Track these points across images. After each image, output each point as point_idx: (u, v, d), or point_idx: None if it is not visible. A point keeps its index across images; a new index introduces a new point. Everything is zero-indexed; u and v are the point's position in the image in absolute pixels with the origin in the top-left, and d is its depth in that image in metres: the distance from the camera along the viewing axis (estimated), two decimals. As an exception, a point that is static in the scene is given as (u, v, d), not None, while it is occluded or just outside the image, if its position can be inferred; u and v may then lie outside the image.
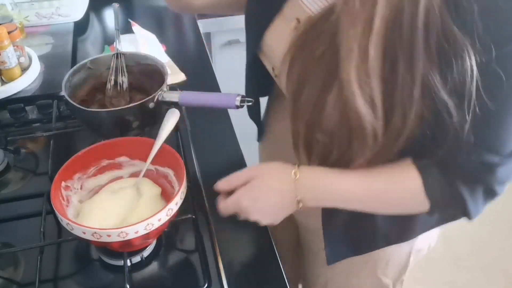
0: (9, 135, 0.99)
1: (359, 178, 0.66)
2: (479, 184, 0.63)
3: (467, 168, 0.62)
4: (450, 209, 0.68)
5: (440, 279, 1.85)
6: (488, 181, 0.62)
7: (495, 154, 0.60)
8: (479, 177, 0.62)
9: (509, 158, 0.60)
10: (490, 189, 0.63)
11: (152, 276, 0.75)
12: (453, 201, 0.64)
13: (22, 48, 1.15)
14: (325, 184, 0.68)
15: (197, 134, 1.01)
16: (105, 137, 0.84)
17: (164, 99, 0.88)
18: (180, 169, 0.75)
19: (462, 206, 0.64)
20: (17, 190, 0.90)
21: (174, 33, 1.41)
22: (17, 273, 0.76)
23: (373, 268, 0.90)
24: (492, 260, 1.91)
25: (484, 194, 0.64)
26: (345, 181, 0.67)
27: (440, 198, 0.65)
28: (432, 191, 0.64)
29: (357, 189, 0.67)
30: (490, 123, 0.57)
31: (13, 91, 1.10)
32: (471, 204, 0.64)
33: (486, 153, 0.59)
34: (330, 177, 0.68)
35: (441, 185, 0.64)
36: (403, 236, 0.83)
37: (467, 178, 0.63)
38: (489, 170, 0.61)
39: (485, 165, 0.60)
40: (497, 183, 0.63)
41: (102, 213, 0.75)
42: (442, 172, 0.63)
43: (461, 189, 0.63)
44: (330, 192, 0.68)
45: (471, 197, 0.63)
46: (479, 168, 0.61)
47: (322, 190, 0.69)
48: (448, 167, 0.63)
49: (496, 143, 0.59)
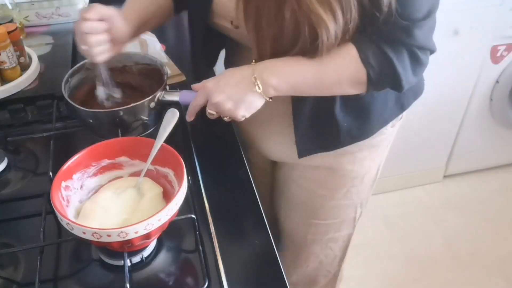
0: (9, 135, 0.99)
1: (306, 58, 0.76)
2: (402, 47, 0.73)
3: (387, 33, 0.72)
4: (383, 77, 0.75)
5: (440, 279, 1.85)
6: (407, 43, 0.72)
7: (409, 20, 0.71)
8: (400, 39, 0.72)
9: (422, 22, 0.71)
10: (413, 53, 0.73)
11: (152, 276, 0.75)
12: (384, 65, 0.74)
13: (22, 48, 1.15)
14: (277, 62, 0.77)
15: (197, 134, 1.01)
16: (106, 137, 0.84)
17: (165, 98, 0.88)
18: (180, 169, 0.75)
19: (392, 69, 0.74)
20: (17, 190, 0.90)
21: (174, 33, 1.41)
22: (17, 273, 0.76)
23: (350, 187, 1.02)
24: (492, 260, 1.91)
25: (410, 59, 0.74)
26: (295, 58, 0.76)
27: (373, 63, 0.74)
28: (365, 55, 0.73)
29: (304, 62, 0.76)
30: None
31: (13, 91, 1.10)
32: (398, 66, 0.73)
33: (402, 19, 0.70)
34: (283, 58, 0.77)
35: (372, 50, 0.73)
36: (363, 131, 0.93)
37: (389, 41, 0.73)
38: (405, 31, 0.72)
39: (401, 28, 0.71)
40: (418, 47, 0.73)
41: (104, 213, 0.75)
42: (370, 40, 0.74)
43: (386, 51, 0.73)
44: (282, 66, 0.77)
45: (397, 59, 0.73)
46: (397, 31, 0.72)
47: (276, 65, 0.77)
48: (372, 34, 0.73)
49: (409, 9, 0.70)
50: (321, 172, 1.00)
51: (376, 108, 0.90)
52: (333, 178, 1.01)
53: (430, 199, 2.18)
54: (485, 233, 2.02)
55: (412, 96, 0.95)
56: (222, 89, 0.79)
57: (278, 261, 0.78)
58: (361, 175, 1.01)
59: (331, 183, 1.01)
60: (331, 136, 0.92)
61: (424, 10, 0.71)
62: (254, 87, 0.77)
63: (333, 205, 1.05)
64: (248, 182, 0.92)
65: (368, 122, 0.91)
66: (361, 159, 0.98)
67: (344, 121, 0.88)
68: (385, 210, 2.08)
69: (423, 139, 1.99)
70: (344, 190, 1.03)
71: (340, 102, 0.86)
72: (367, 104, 0.88)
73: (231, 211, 0.87)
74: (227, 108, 0.79)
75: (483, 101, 1.98)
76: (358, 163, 0.98)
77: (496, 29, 1.75)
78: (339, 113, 0.87)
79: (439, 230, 2.04)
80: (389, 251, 1.95)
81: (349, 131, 0.91)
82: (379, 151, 1.00)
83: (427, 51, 0.76)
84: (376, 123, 0.93)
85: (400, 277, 1.86)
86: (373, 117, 0.91)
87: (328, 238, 1.13)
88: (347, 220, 1.10)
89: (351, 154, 0.96)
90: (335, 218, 1.08)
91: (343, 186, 1.02)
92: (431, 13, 0.73)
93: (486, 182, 2.25)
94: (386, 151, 1.04)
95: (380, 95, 0.88)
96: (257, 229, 0.83)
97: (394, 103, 0.93)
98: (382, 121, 0.94)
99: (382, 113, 0.92)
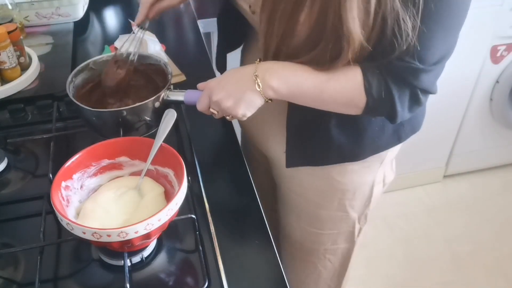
0: (9, 135, 0.99)
1: (311, 68, 0.76)
2: (406, 87, 0.73)
3: (396, 69, 0.72)
4: (381, 108, 0.76)
5: (440, 279, 1.85)
6: (413, 84, 0.73)
7: (421, 62, 0.70)
8: (406, 79, 0.72)
9: (432, 67, 0.72)
10: (415, 94, 0.74)
11: (152, 276, 0.75)
12: (385, 99, 0.74)
13: (22, 48, 1.15)
14: (282, 65, 0.77)
15: (197, 134, 1.01)
16: (109, 137, 0.84)
17: (170, 98, 0.88)
18: (180, 169, 0.75)
19: (391, 105, 0.74)
20: (17, 190, 0.90)
21: (174, 33, 1.41)
22: (17, 273, 0.76)
23: (342, 200, 1.01)
24: (492, 260, 1.91)
25: (410, 99, 0.75)
26: (301, 66, 0.76)
27: (375, 94, 0.74)
28: (369, 85, 0.73)
29: (309, 72, 0.75)
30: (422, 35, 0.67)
31: (13, 91, 1.10)
32: (398, 103, 0.74)
33: (413, 60, 0.70)
34: (288, 63, 0.77)
35: (377, 82, 0.73)
36: (354, 153, 0.92)
37: (396, 78, 0.73)
38: (414, 74, 0.72)
39: (411, 69, 0.71)
40: (421, 90, 0.74)
41: (104, 213, 0.75)
42: (378, 70, 0.73)
43: (391, 87, 0.73)
44: (286, 70, 0.76)
45: (399, 98, 0.74)
46: (406, 71, 0.72)
47: (280, 68, 0.76)
48: (382, 67, 0.73)
49: (424, 52, 0.69)
50: (312, 179, 1.00)
51: (371, 133, 0.88)
52: (324, 187, 0.99)
53: (430, 199, 2.18)
54: (485, 233, 2.02)
55: (410, 130, 0.94)
56: (223, 86, 0.79)
57: (278, 261, 0.78)
58: (351, 189, 0.99)
59: (322, 191, 1.00)
60: (320, 150, 0.91)
61: (437, 56, 0.71)
62: (254, 85, 0.76)
63: (327, 215, 1.04)
64: (248, 182, 0.92)
65: (360, 145, 0.90)
66: (351, 172, 0.96)
67: (337, 138, 0.88)
68: (385, 210, 2.09)
69: (423, 139, 1.99)
70: (336, 201, 1.01)
71: (336, 118, 0.85)
72: (363, 127, 0.87)
73: (231, 211, 0.87)
74: (227, 106, 0.79)
75: (483, 101, 1.99)
76: (348, 176, 0.97)
77: (496, 29, 1.75)
78: (333, 128, 0.86)
79: (439, 230, 2.04)
80: (389, 251, 1.95)
81: (340, 149, 0.89)
82: (371, 168, 0.98)
83: (428, 94, 0.76)
84: (368, 147, 0.91)
85: (400, 277, 1.86)
86: (367, 141, 0.89)
87: (325, 248, 1.11)
88: (343, 233, 1.09)
89: (341, 165, 0.95)
90: (331, 229, 1.07)
91: (334, 196, 1.00)
92: (442, 60, 0.73)
93: (486, 182, 2.25)
94: (379, 171, 1.00)
95: (377, 121, 0.87)
96: (257, 229, 0.83)
97: (392, 132, 0.91)
98: (375, 148, 0.93)
99: (377, 140, 0.91)
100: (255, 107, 0.80)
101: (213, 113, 0.83)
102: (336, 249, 1.12)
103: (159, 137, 0.80)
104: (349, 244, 1.12)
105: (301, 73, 0.75)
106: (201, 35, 1.38)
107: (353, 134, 0.88)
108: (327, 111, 0.81)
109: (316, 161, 0.94)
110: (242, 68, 0.80)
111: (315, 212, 1.04)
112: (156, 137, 0.80)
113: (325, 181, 0.98)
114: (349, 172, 0.96)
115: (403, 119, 0.78)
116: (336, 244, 1.11)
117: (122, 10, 1.53)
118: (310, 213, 1.06)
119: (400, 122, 0.83)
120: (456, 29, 0.72)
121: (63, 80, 0.91)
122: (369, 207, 1.06)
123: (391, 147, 0.95)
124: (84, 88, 0.94)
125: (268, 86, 0.76)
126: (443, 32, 0.70)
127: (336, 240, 1.10)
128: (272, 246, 0.80)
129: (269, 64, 0.77)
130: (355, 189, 1.00)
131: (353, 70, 0.74)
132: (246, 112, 0.80)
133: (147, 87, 0.97)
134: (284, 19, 0.71)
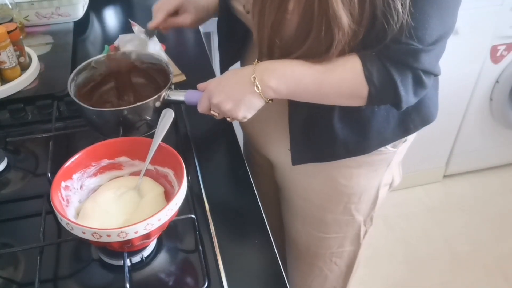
0: (9, 135, 0.99)
1: (308, 62, 0.75)
2: (407, 70, 0.72)
3: (394, 53, 0.71)
4: (384, 95, 0.75)
5: (440, 279, 1.85)
6: (414, 66, 0.71)
7: (419, 42, 0.69)
8: (406, 61, 0.71)
9: (431, 47, 0.70)
10: (418, 76, 0.73)
11: (152, 276, 0.75)
12: (387, 85, 0.73)
13: (22, 48, 1.15)
14: (279, 63, 0.77)
15: (197, 134, 1.01)
16: (110, 137, 0.84)
17: (170, 98, 0.88)
18: (180, 169, 0.75)
19: (394, 90, 0.73)
20: (17, 190, 0.90)
21: (174, 33, 1.41)
22: (17, 273, 0.76)
23: (348, 203, 0.99)
24: (492, 260, 1.91)
25: (414, 82, 0.73)
26: (296, 62, 0.76)
27: (376, 81, 0.73)
28: (369, 73, 0.72)
29: (306, 68, 0.75)
30: (417, 14, 0.67)
31: (13, 91, 1.10)
32: (401, 88, 0.73)
33: (411, 41, 0.69)
34: (285, 61, 0.77)
35: (377, 68, 0.72)
36: (360, 147, 0.90)
37: (396, 62, 0.72)
38: (413, 55, 0.70)
39: (411, 50, 0.70)
40: (423, 71, 0.73)
41: (104, 213, 0.75)
42: (377, 57, 0.72)
43: (392, 71, 0.72)
44: (284, 68, 0.76)
45: (401, 82, 0.72)
46: (405, 53, 0.70)
47: (277, 67, 0.76)
48: (380, 53, 0.72)
49: (421, 32, 0.68)
50: (317, 182, 0.99)
51: (376, 125, 0.86)
52: (329, 190, 0.99)
53: (430, 199, 2.18)
54: (485, 233, 2.02)
55: (420, 121, 0.90)
56: (222, 88, 0.79)
57: (278, 261, 0.78)
58: (357, 192, 0.98)
59: (327, 195, 0.99)
60: (326, 146, 0.89)
61: (435, 35, 0.70)
62: (253, 87, 0.76)
63: (333, 218, 1.03)
64: (248, 182, 0.92)
65: (366, 137, 0.88)
66: (357, 175, 0.95)
67: (341, 133, 0.86)
68: (385, 210, 2.08)
69: (423, 139, 1.99)
70: (342, 205, 1.00)
71: (338, 112, 0.84)
72: (367, 119, 0.85)
73: (231, 211, 0.87)
74: (227, 108, 0.79)
75: (483, 101, 1.98)
76: (354, 180, 0.95)
77: (496, 29, 1.75)
78: (336, 123, 0.85)
79: (439, 230, 2.04)
80: (389, 251, 1.95)
81: (345, 144, 0.88)
82: (377, 171, 0.97)
83: (431, 75, 0.75)
84: (374, 140, 0.89)
85: (400, 277, 1.86)
86: (372, 133, 0.87)
87: (331, 252, 1.10)
88: (349, 237, 1.08)
89: (347, 168, 0.94)
90: (337, 233, 1.06)
91: (340, 200, 0.99)
92: (441, 39, 0.72)
93: (486, 182, 2.25)
94: (386, 174, 0.99)
95: (381, 112, 0.85)
96: (257, 229, 0.83)
97: (398, 124, 0.89)
98: (381, 140, 0.90)
99: (382, 132, 0.88)
100: (255, 109, 0.80)
101: (214, 115, 0.83)
102: (342, 252, 1.11)
103: (157, 136, 0.80)
104: (355, 246, 1.11)
105: (299, 69, 0.75)
106: (201, 35, 1.38)
107: (357, 127, 0.86)
108: (328, 106, 0.80)
109: (322, 157, 0.92)
110: (241, 70, 0.80)
111: (321, 216, 1.04)
112: (154, 137, 0.80)
113: (330, 184, 0.97)
114: (355, 176, 0.95)
115: (409, 104, 0.76)
116: (342, 248, 1.10)
117: (122, 10, 1.53)
118: (316, 217, 1.05)
119: (407, 112, 0.82)
120: (453, 7, 0.71)
121: (63, 80, 0.91)
122: (375, 210, 1.05)
123: (398, 139, 0.93)
124: (85, 87, 0.94)
125: (267, 86, 0.76)
126: (439, 11, 0.69)
127: (342, 244, 1.09)
128: (272, 246, 0.80)
129: (266, 64, 0.77)
130: (361, 193, 0.99)
131: (352, 60, 0.73)
132: (246, 114, 0.80)
133: (149, 86, 0.97)
134: (274, 9, 0.71)
